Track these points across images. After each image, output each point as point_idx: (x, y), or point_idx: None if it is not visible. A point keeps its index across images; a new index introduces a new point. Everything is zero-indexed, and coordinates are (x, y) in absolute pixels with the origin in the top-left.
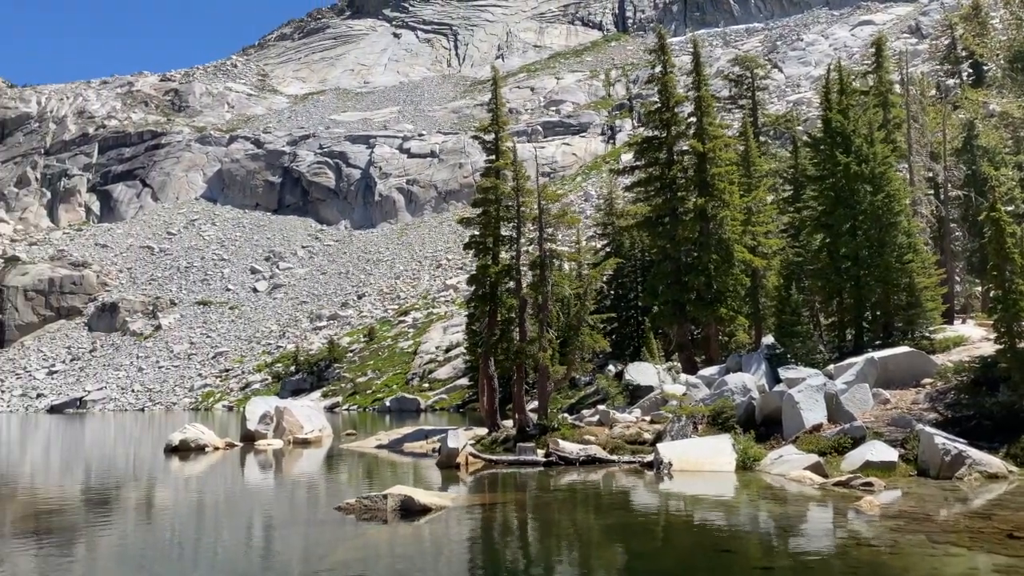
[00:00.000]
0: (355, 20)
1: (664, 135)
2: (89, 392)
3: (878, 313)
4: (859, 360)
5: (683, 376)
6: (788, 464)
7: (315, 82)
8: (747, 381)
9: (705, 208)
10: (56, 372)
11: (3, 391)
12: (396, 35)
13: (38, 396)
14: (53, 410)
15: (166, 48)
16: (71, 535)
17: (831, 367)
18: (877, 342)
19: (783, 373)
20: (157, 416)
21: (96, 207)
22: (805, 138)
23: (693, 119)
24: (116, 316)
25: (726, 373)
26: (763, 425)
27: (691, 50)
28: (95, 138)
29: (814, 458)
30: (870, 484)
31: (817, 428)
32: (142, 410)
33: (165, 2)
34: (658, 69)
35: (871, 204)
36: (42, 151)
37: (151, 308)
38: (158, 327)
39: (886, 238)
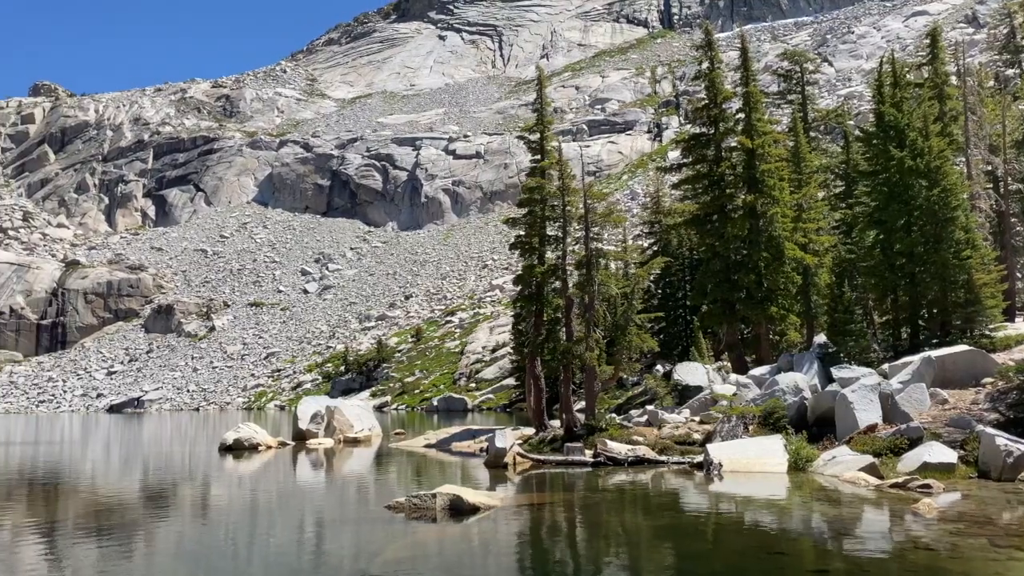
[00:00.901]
0: (401, 23)
1: (712, 132)
2: (146, 392)
3: (935, 311)
4: (915, 359)
5: (733, 376)
6: (842, 465)
7: (362, 86)
8: (799, 381)
9: (754, 205)
10: (115, 373)
11: (65, 391)
12: (441, 37)
13: (98, 396)
14: (112, 410)
15: (217, 55)
16: (130, 531)
17: (885, 366)
18: (934, 340)
19: (836, 372)
20: (211, 415)
21: (152, 212)
22: (857, 133)
23: (741, 115)
24: (172, 318)
25: (777, 373)
26: (815, 426)
27: (738, 45)
28: (150, 144)
29: (869, 459)
30: (928, 486)
31: (872, 429)
32: (197, 410)
33: (216, 10)
34: (705, 65)
35: (927, 199)
36: (100, 158)
37: (205, 310)
38: (212, 328)
39: (943, 234)
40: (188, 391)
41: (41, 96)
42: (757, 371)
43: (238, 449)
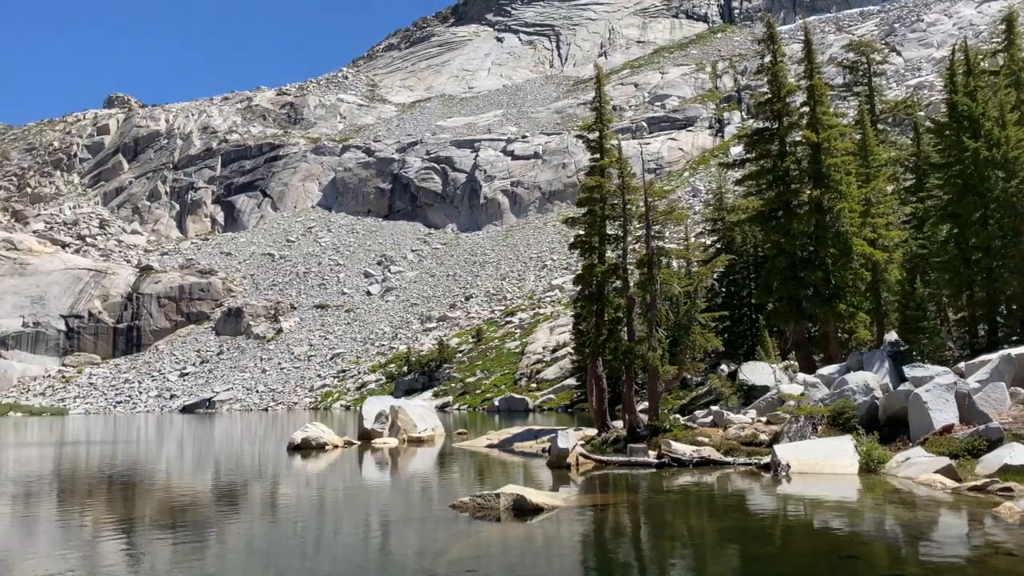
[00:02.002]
0: (459, 27)
1: (775, 126)
2: (217, 393)
3: (1014, 307)
4: (994, 357)
5: (800, 375)
6: (916, 467)
7: (421, 90)
8: (869, 380)
9: (821, 200)
10: (187, 374)
11: (140, 392)
12: (499, 39)
13: (171, 397)
14: (185, 410)
15: (282, 63)
16: (203, 528)
17: (961, 365)
18: (1013, 338)
19: (909, 371)
20: (280, 416)
21: (220, 217)
22: (928, 124)
23: (805, 109)
24: (241, 320)
25: (846, 372)
26: (887, 426)
27: (802, 38)
28: (218, 152)
29: (945, 461)
30: (1009, 489)
31: (947, 429)
32: (266, 410)
33: (281, 19)
34: (767, 59)
35: (1004, 191)
36: (171, 166)
37: (273, 312)
38: (279, 330)
39: (1022, 227)
40: (257, 392)
41: (115, 108)
42: (825, 370)
43: (306, 448)
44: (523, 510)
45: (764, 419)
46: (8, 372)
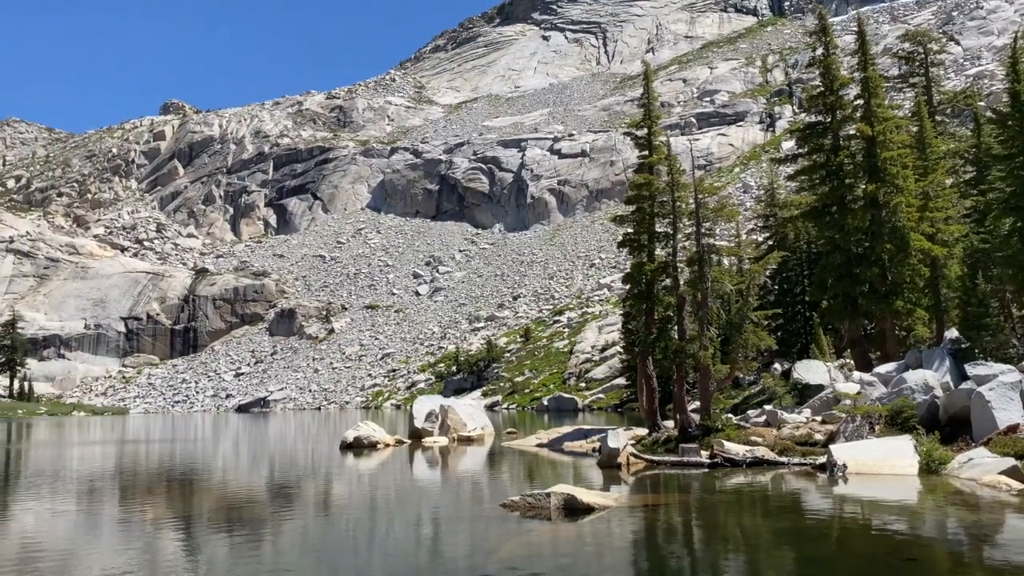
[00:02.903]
0: (505, 26)
1: (828, 120)
2: (271, 392)
3: None
4: None
5: (856, 374)
6: (980, 468)
7: (468, 90)
8: (929, 378)
9: (876, 195)
10: (242, 374)
11: (197, 392)
12: (545, 38)
13: (227, 396)
14: (240, 409)
15: (331, 67)
16: (259, 525)
17: None
18: None
19: (971, 370)
20: (332, 414)
21: (273, 220)
22: (989, 114)
23: (860, 101)
24: (293, 321)
25: (905, 370)
26: (948, 426)
27: (855, 29)
28: (270, 156)
29: (1011, 462)
30: None
31: (1013, 429)
32: (318, 409)
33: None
34: (819, 51)
35: None
36: (224, 170)
37: (324, 313)
38: (331, 331)
39: None
40: (310, 391)
41: (170, 114)
42: (883, 368)
43: (358, 447)
44: (574, 510)
45: (819, 419)
46: (72, 373)
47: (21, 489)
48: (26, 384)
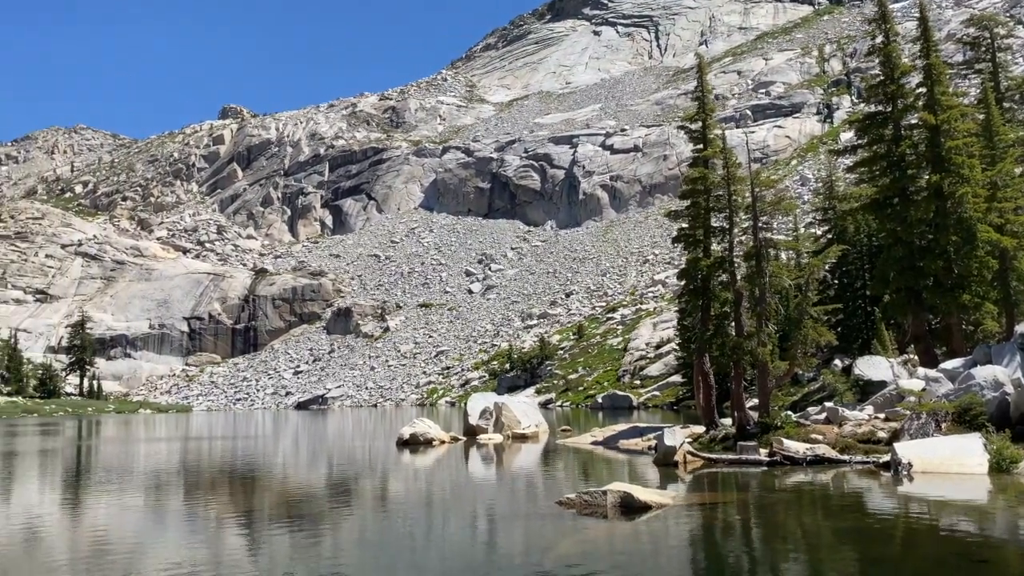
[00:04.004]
0: (555, 23)
1: (889, 109)
2: (329, 390)
3: None
4: None
5: (921, 370)
6: None
7: (519, 88)
8: (999, 374)
9: (941, 185)
10: (301, 372)
11: (258, 390)
12: (596, 33)
13: (287, 394)
14: (299, 406)
15: (383, 68)
16: (318, 520)
17: None
18: None
19: None
20: (388, 412)
21: (329, 221)
22: None
23: (922, 90)
24: (350, 320)
25: (972, 366)
26: (1020, 424)
27: (916, 15)
28: (325, 158)
29: None
30: None
31: None
32: (375, 406)
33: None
34: (879, 39)
35: None
36: (282, 172)
37: (380, 311)
38: (386, 329)
39: None
40: (367, 388)
41: (228, 118)
42: (949, 364)
43: (414, 444)
44: (630, 508)
45: (882, 416)
46: (138, 372)
47: (93, 484)
48: (95, 383)
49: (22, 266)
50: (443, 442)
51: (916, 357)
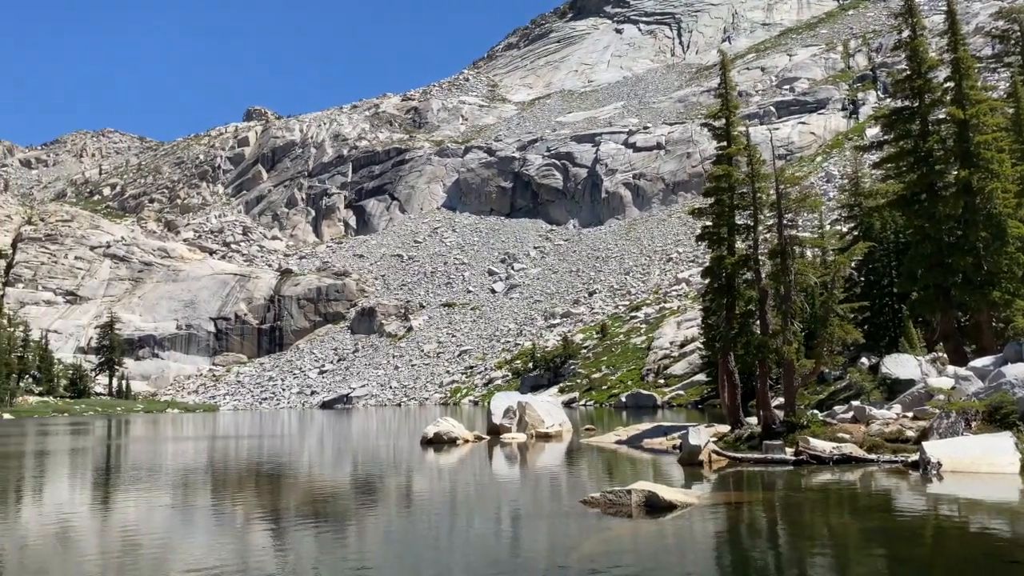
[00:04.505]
0: (577, 21)
1: (916, 104)
2: (354, 389)
3: None
4: None
5: (950, 368)
6: None
7: (541, 87)
8: None
9: (969, 181)
10: (325, 372)
11: (283, 389)
12: (618, 30)
13: (312, 393)
14: (324, 406)
15: (405, 69)
16: (344, 519)
17: None
18: None
19: None
20: (412, 411)
21: (352, 221)
22: None
23: (950, 84)
24: (374, 319)
25: (1003, 364)
26: None
27: (943, 8)
28: (349, 158)
29: None
30: None
31: None
32: (399, 405)
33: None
34: (905, 33)
35: None
36: (306, 173)
37: (403, 311)
38: (410, 328)
39: None
40: (390, 387)
41: (253, 120)
42: (979, 362)
43: (438, 443)
44: (655, 507)
45: (910, 415)
46: (166, 372)
47: (122, 482)
48: (124, 383)
49: (52, 268)
50: (467, 441)
51: (945, 355)
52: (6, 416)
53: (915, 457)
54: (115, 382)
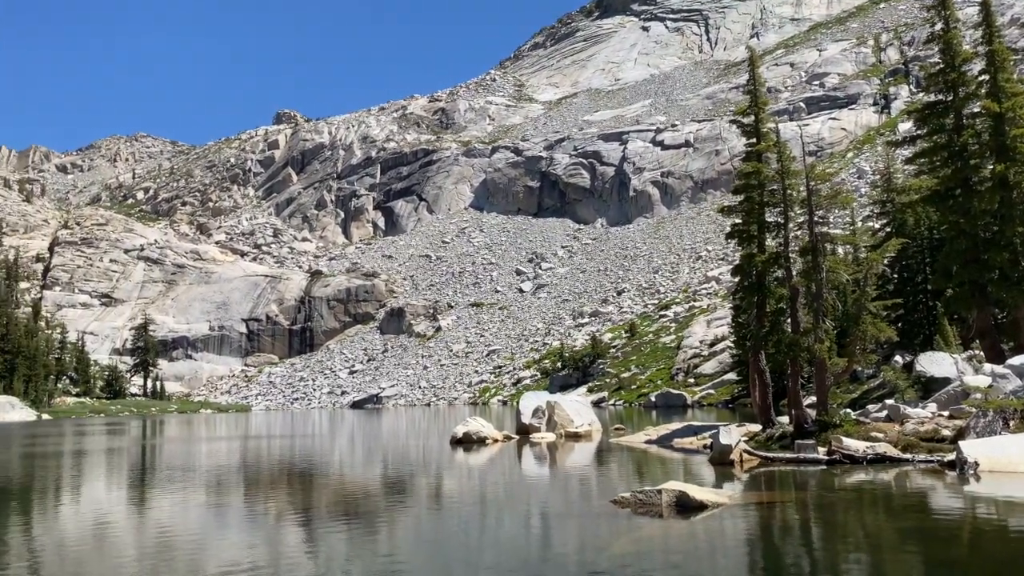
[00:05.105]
0: (604, 19)
1: (950, 98)
2: (383, 389)
3: None
4: None
5: (987, 366)
6: None
7: (567, 86)
8: None
9: (1006, 175)
10: (356, 372)
11: (314, 389)
12: (645, 28)
13: (342, 393)
14: (355, 405)
15: (432, 70)
16: (374, 518)
17: None
18: None
19: None
20: (441, 410)
21: (381, 222)
22: None
23: (985, 77)
24: (403, 320)
25: None
26: None
27: (977, 0)
28: (377, 160)
29: None
30: None
31: None
32: (428, 405)
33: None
34: (938, 26)
35: None
36: (335, 175)
37: (431, 311)
38: (438, 328)
39: None
40: (420, 387)
41: (283, 123)
42: (1016, 360)
43: (467, 442)
44: (686, 507)
45: (946, 413)
46: (199, 372)
47: (157, 482)
48: (158, 383)
49: (88, 271)
50: (496, 441)
51: (981, 353)
52: (45, 417)
53: (951, 457)
54: (150, 383)
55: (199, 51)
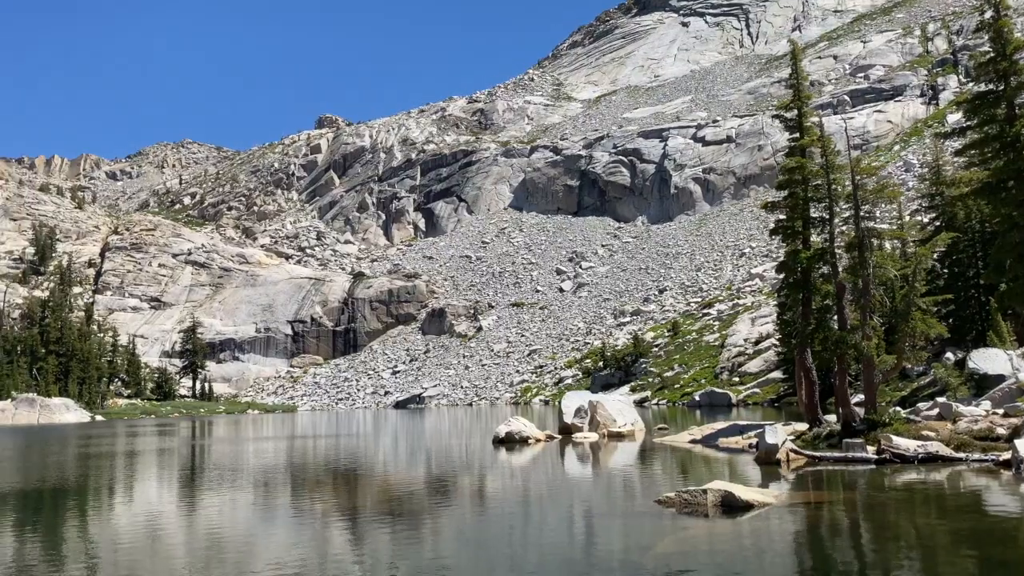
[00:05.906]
0: (642, 16)
1: (1001, 88)
2: (426, 389)
3: None
4: None
5: None
6: None
7: (606, 84)
8: None
9: None
10: (398, 372)
11: (358, 390)
12: (684, 24)
13: (385, 393)
14: (398, 406)
15: (471, 71)
16: (419, 518)
17: None
18: None
19: None
20: (483, 410)
21: (421, 224)
22: None
23: None
24: (444, 320)
25: None
26: None
27: None
28: (417, 162)
29: None
30: None
31: None
32: (470, 405)
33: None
34: (988, 14)
35: None
36: (376, 178)
37: (472, 311)
38: (479, 328)
39: None
40: (462, 387)
41: (324, 128)
42: None
43: (509, 442)
44: (732, 507)
45: (1000, 411)
46: (246, 374)
47: (206, 482)
48: (207, 385)
49: (137, 275)
50: (538, 440)
51: None
52: (98, 418)
53: (1007, 455)
54: (198, 384)
55: (242, 59)
